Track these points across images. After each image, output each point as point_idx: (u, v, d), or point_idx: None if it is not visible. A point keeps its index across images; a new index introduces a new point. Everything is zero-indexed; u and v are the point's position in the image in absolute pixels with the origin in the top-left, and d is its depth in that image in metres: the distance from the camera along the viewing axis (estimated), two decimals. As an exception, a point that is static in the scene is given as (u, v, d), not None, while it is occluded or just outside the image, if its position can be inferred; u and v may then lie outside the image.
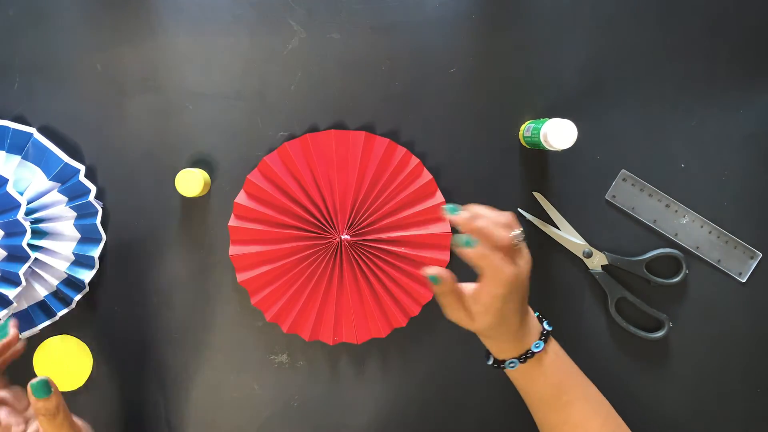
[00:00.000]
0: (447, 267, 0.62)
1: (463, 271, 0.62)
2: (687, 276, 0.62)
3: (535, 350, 0.51)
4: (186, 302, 0.62)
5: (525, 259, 0.49)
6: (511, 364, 0.51)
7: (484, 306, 0.48)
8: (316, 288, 0.60)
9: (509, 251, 0.47)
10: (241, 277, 0.60)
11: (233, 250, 0.60)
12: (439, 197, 0.61)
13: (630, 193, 0.62)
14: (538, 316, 0.53)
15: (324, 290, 0.60)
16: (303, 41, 0.61)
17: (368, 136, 0.60)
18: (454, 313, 0.50)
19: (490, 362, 0.53)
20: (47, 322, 0.61)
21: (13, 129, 0.59)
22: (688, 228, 0.63)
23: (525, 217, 0.62)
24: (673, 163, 0.62)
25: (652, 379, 0.63)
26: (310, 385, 0.63)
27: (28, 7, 0.61)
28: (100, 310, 0.62)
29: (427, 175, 0.60)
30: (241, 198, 0.60)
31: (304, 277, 0.60)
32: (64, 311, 0.61)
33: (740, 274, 0.63)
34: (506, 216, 0.48)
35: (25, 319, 0.60)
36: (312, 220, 0.59)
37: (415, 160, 0.60)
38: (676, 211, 0.62)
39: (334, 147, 0.60)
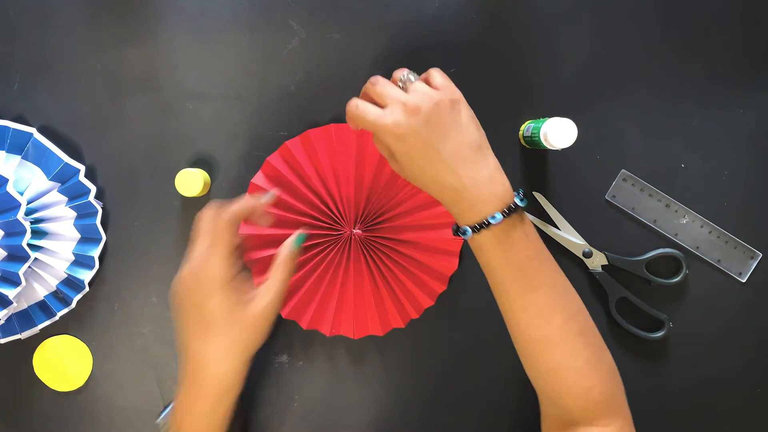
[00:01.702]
0: (456, 274, 0.62)
1: (477, 281, 0.63)
2: (687, 276, 0.62)
3: (492, 221, 0.45)
4: (186, 302, 0.62)
5: (414, 91, 0.46)
6: (464, 232, 0.47)
7: (380, 141, 0.48)
8: (320, 278, 0.60)
9: (379, 93, 0.47)
10: (246, 257, 0.60)
11: (243, 228, 0.60)
12: None
13: (630, 193, 0.62)
14: (519, 192, 0.48)
15: (328, 281, 0.60)
16: (303, 41, 0.61)
17: None
18: (389, 160, 0.49)
19: (453, 229, 0.49)
20: (47, 322, 0.61)
21: (13, 129, 0.59)
22: (688, 228, 0.63)
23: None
24: (673, 163, 0.62)
25: (652, 379, 0.63)
26: (310, 385, 0.63)
27: (28, 7, 0.61)
28: (100, 310, 0.62)
29: None
30: (258, 179, 0.60)
31: (310, 265, 0.60)
32: (64, 311, 0.61)
33: (740, 274, 0.63)
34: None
35: (25, 319, 0.60)
36: (325, 209, 0.59)
37: None
38: (676, 211, 0.62)
39: (355, 140, 0.60)
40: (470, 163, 0.46)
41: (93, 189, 0.60)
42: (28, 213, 0.58)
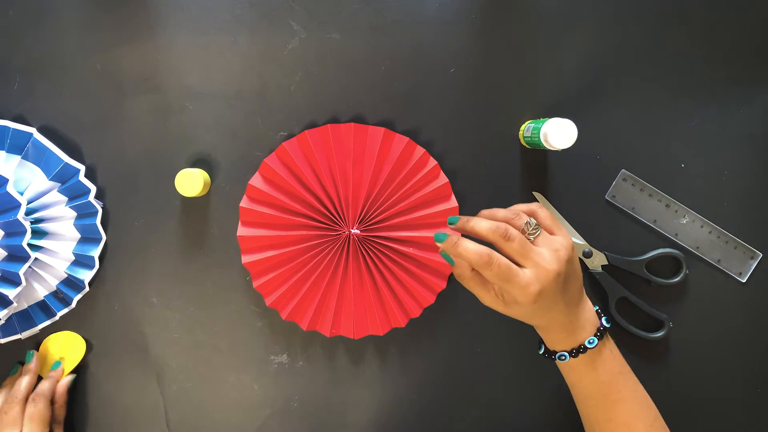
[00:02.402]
0: (451, 275, 0.62)
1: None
2: (687, 276, 0.62)
3: (589, 346, 0.49)
4: (186, 302, 0.62)
5: (551, 251, 0.46)
6: (562, 357, 0.50)
7: (512, 298, 0.47)
8: (319, 278, 0.60)
9: (519, 252, 0.45)
10: (246, 259, 0.60)
11: (241, 231, 0.60)
12: (453, 201, 0.60)
13: (630, 193, 0.62)
14: (597, 311, 0.52)
15: (327, 282, 0.60)
16: (303, 41, 0.61)
17: (387, 132, 0.60)
18: (485, 298, 0.48)
19: (541, 351, 0.52)
20: (47, 322, 0.61)
21: (13, 129, 0.59)
22: (688, 228, 0.63)
23: (525, 217, 0.62)
24: (673, 163, 0.62)
25: (653, 379, 0.63)
26: (310, 385, 0.63)
27: (28, 7, 0.61)
28: (100, 310, 0.62)
29: (443, 178, 0.60)
30: (256, 180, 0.60)
31: (309, 266, 0.60)
32: (64, 311, 0.61)
33: (740, 274, 0.63)
34: (508, 212, 0.48)
35: (25, 319, 0.60)
36: (323, 210, 0.59)
37: (432, 162, 0.60)
38: (676, 211, 0.62)
39: (352, 140, 0.60)
40: (577, 303, 0.50)
41: (93, 189, 0.60)
42: (28, 213, 0.58)
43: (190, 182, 0.58)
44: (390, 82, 0.61)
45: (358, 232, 0.59)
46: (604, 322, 0.51)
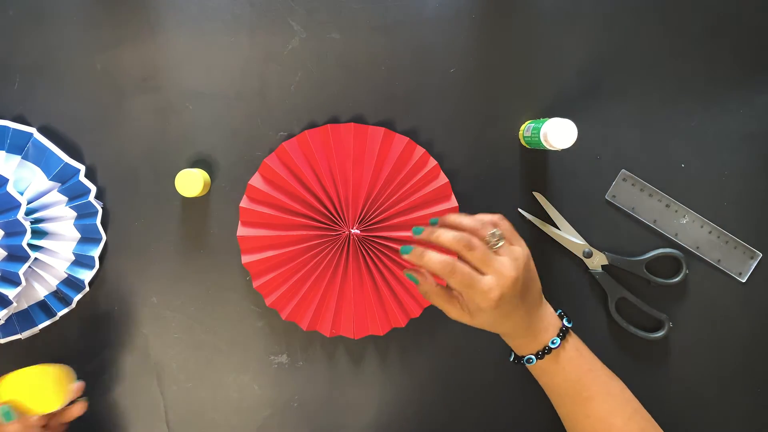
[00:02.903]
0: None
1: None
2: (687, 276, 0.62)
3: (552, 346, 0.51)
4: (186, 302, 0.62)
5: (511, 259, 0.48)
6: (530, 360, 0.52)
7: (475, 306, 0.48)
8: (319, 278, 0.60)
9: (481, 260, 0.47)
10: (245, 259, 0.60)
11: (241, 231, 0.60)
12: (453, 201, 0.60)
13: (630, 193, 0.62)
14: (559, 314, 0.54)
15: (327, 282, 0.60)
16: (303, 41, 0.61)
17: (387, 132, 0.60)
18: (451, 312, 0.50)
19: (512, 358, 0.55)
20: (47, 322, 0.61)
21: (13, 129, 0.59)
22: (688, 228, 0.63)
23: (525, 217, 0.62)
24: (673, 163, 0.62)
25: (652, 379, 0.63)
26: (310, 385, 0.63)
27: (28, 7, 0.61)
28: (100, 310, 0.62)
29: (443, 178, 0.60)
30: (256, 180, 0.60)
31: (309, 266, 0.60)
32: (65, 311, 0.61)
33: (740, 274, 0.63)
34: (473, 222, 0.49)
35: (25, 319, 0.60)
36: (323, 210, 0.59)
37: (432, 162, 0.60)
38: (676, 211, 0.62)
39: (352, 140, 0.60)
40: (537, 306, 0.52)
41: (93, 189, 0.60)
42: (28, 213, 0.58)
43: (190, 182, 0.58)
44: (390, 82, 0.61)
45: (358, 232, 0.59)
46: (565, 323, 0.53)
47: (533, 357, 0.52)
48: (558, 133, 0.53)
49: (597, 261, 0.62)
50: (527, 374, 0.63)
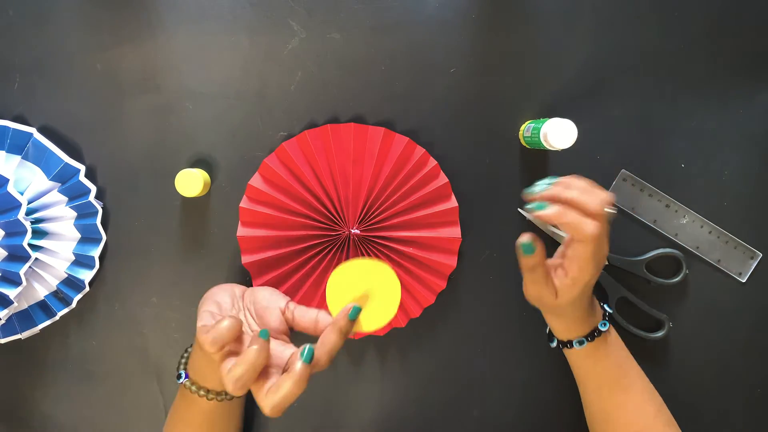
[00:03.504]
0: (454, 273, 0.62)
1: (477, 280, 0.62)
2: (687, 276, 0.62)
3: (602, 329, 0.51)
4: (186, 302, 0.62)
5: (606, 236, 0.48)
6: (580, 343, 0.52)
7: (572, 279, 0.48)
8: (319, 278, 0.60)
9: (595, 217, 0.46)
10: (245, 259, 0.60)
11: (241, 231, 0.60)
12: (453, 201, 0.60)
13: (630, 193, 0.62)
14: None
15: (327, 282, 0.60)
16: (303, 41, 0.61)
17: (387, 132, 0.60)
18: (537, 289, 0.49)
19: (554, 344, 0.54)
20: (47, 322, 0.61)
21: (13, 129, 0.59)
22: (688, 228, 0.63)
23: (525, 217, 0.62)
24: (673, 163, 0.62)
25: (652, 379, 0.63)
26: (310, 385, 0.63)
27: (28, 7, 0.61)
28: (100, 310, 0.62)
29: (443, 178, 0.60)
30: (256, 181, 0.60)
31: (309, 266, 0.60)
32: (65, 311, 0.61)
33: (740, 274, 0.63)
34: (600, 190, 0.47)
35: (25, 318, 0.60)
36: (323, 210, 0.59)
37: (432, 162, 0.60)
38: (676, 211, 0.62)
39: (352, 140, 0.60)
40: (593, 286, 0.51)
41: (93, 189, 0.60)
42: (28, 213, 0.58)
43: (190, 182, 0.58)
44: (390, 82, 0.61)
45: (358, 232, 0.59)
46: (606, 308, 0.53)
47: (584, 339, 0.51)
48: (558, 133, 0.53)
49: (597, 261, 0.62)
50: (527, 374, 0.63)
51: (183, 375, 0.52)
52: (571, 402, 0.63)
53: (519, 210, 0.62)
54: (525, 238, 0.48)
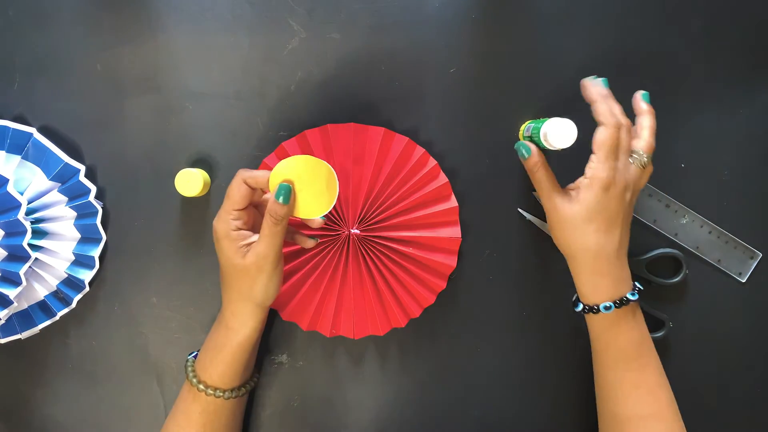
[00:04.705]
0: (455, 273, 0.62)
1: (477, 280, 0.62)
2: (687, 276, 0.62)
3: (632, 298, 0.50)
4: (186, 302, 0.62)
5: (646, 171, 0.51)
6: (607, 308, 0.50)
7: (589, 178, 0.50)
8: (319, 278, 0.60)
9: (624, 149, 0.50)
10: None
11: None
12: (453, 201, 0.60)
13: (630, 193, 0.62)
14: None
15: (327, 282, 0.60)
16: (303, 41, 0.61)
17: (387, 132, 0.60)
18: (548, 193, 0.52)
19: (579, 308, 0.53)
20: (47, 322, 0.61)
21: (13, 129, 0.59)
22: (688, 228, 0.63)
23: (525, 217, 0.62)
24: (673, 163, 0.62)
25: (652, 379, 0.63)
26: (310, 385, 0.63)
27: (28, 7, 0.61)
28: (100, 310, 0.62)
29: (443, 178, 0.60)
30: None
31: (308, 266, 0.60)
32: (65, 311, 0.61)
33: (740, 274, 0.63)
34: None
35: (25, 319, 0.60)
36: None
37: (432, 162, 0.60)
38: (676, 211, 0.62)
39: (352, 140, 0.60)
40: (626, 246, 0.52)
41: (93, 189, 0.60)
42: (28, 213, 0.58)
43: (190, 182, 0.58)
44: (390, 82, 0.61)
45: (357, 232, 0.59)
46: (638, 284, 0.52)
47: (612, 304, 0.50)
48: (558, 133, 0.53)
49: (597, 261, 0.62)
50: (527, 374, 0.63)
51: (191, 358, 0.57)
52: (571, 402, 0.63)
53: (519, 210, 0.62)
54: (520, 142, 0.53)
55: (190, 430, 0.55)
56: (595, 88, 0.52)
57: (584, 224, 0.50)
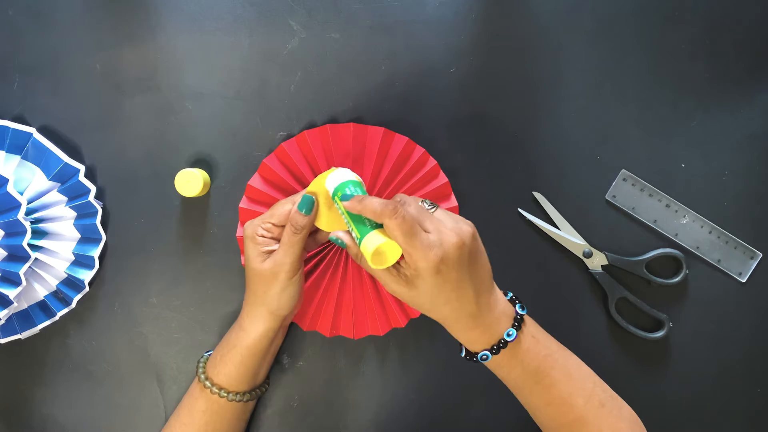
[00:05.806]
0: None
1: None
2: (687, 276, 0.62)
3: (508, 339, 0.47)
4: (186, 302, 0.62)
5: (454, 221, 0.46)
6: (484, 357, 0.48)
7: (414, 268, 0.45)
8: (318, 279, 0.60)
9: (419, 218, 0.45)
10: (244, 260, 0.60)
11: (240, 231, 0.60)
12: (453, 201, 0.60)
13: (630, 193, 0.62)
14: (511, 299, 0.50)
15: (327, 282, 0.60)
16: (303, 41, 0.61)
17: (387, 132, 0.60)
18: (388, 281, 0.47)
19: (463, 354, 0.51)
20: (47, 322, 0.61)
21: (13, 129, 0.59)
22: (688, 228, 0.63)
23: (525, 217, 0.62)
24: (673, 163, 0.62)
25: (652, 379, 0.63)
26: (310, 385, 0.63)
27: (28, 7, 0.61)
28: (100, 310, 0.62)
29: (443, 178, 0.60)
30: (255, 181, 0.60)
31: (308, 266, 0.60)
32: (64, 311, 0.61)
33: (740, 274, 0.63)
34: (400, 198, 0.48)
35: (25, 318, 0.60)
36: None
37: (432, 161, 0.60)
38: (676, 211, 0.62)
39: (352, 140, 0.60)
40: (487, 291, 0.48)
41: (93, 189, 0.60)
42: (28, 213, 0.58)
43: (190, 182, 0.58)
44: (390, 82, 0.61)
45: (358, 232, 0.59)
46: (518, 310, 0.49)
47: (488, 353, 0.47)
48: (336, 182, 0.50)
49: (597, 261, 0.62)
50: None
51: (206, 355, 0.58)
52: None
53: (519, 210, 0.62)
54: (335, 234, 0.50)
55: (191, 427, 0.55)
56: (358, 205, 0.46)
57: (433, 307, 0.47)
